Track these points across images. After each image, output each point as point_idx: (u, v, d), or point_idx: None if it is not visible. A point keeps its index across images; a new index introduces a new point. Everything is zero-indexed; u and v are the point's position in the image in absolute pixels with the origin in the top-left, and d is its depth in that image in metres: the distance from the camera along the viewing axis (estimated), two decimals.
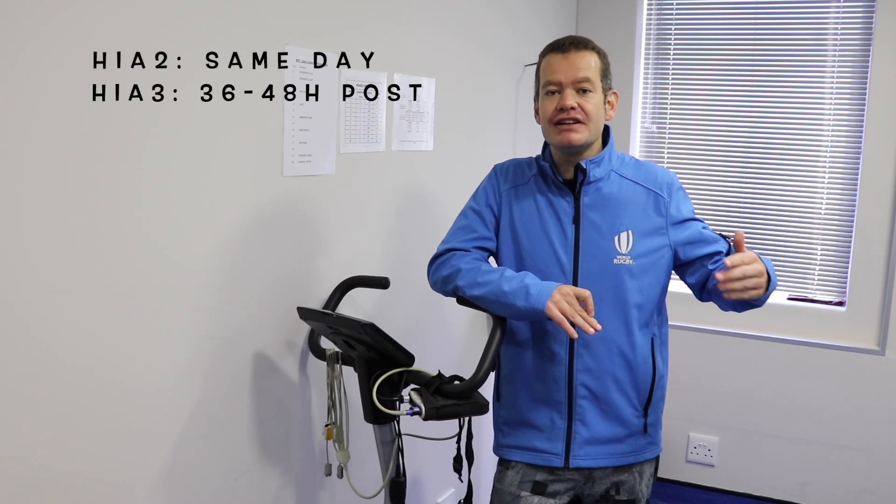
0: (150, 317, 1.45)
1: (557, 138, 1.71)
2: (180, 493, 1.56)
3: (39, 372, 1.26)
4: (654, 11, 3.34)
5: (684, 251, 1.75)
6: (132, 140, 1.38)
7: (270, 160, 1.72)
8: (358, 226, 2.06)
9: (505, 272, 1.70)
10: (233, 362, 1.68)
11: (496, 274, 1.70)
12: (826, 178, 3.12)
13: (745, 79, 3.20)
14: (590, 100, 1.69)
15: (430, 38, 2.29)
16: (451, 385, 1.61)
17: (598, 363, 1.74)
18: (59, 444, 1.31)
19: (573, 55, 1.70)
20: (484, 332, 2.72)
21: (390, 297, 2.16)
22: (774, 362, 3.20)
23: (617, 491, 1.81)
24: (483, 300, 1.71)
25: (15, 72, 1.17)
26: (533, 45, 2.95)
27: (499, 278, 1.69)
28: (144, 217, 1.42)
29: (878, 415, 3.06)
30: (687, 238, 1.74)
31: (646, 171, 1.78)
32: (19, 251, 1.21)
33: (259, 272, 1.72)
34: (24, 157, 1.20)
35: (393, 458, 1.76)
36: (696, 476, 3.38)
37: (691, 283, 1.78)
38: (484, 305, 1.72)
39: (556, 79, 1.70)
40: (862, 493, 3.12)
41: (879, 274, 3.03)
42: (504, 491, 1.84)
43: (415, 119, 2.24)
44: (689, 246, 1.74)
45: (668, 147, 3.37)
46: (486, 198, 1.85)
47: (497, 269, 1.72)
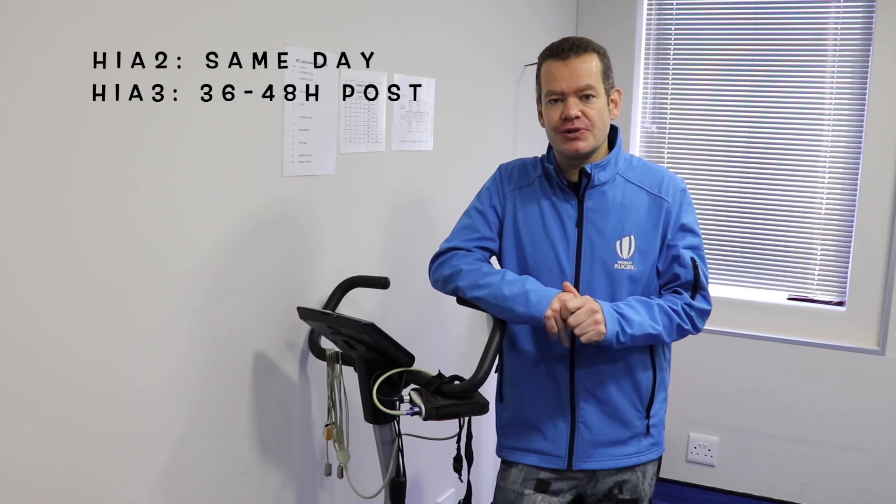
0: (150, 316, 1.45)
1: (564, 147, 1.71)
2: (180, 493, 1.56)
3: (39, 372, 1.26)
4: (654, 11, 3.34)
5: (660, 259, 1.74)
6: (132, 140, 1.38)
7: (270, 160, 1.72)
8: (358, 226, 2.06)
9: (506, 275, 1.70)
10: (233, 362, 1.68)
11: (497, 276, 1.70)
12: (826, 178, 3.12)
13: (745, 79, 3.20)
14: (593, 106, 1.68)
15: (430, 38, 2.29)
16: (451, 385, 1.61)
17: (600, 366, 1.74)
18: (59, 444, 1.30)
19: (573, 62, 1.68)
20: (484, 333, 2.72)
21: (390, 297, 2.16)
22: (774, 362, 3.20)
23: (620, 490, 1.81)
24: (483, 302, 1.71)
25: (15, 72, 1.17)
26: (533, 45, 2.95)
27: (500, 281, 1.69)
28: (144, 217, 1.42)
29: (878, 415, 3.06)
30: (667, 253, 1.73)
31: (653, 176, 1.76)
32: (19, 251, 1.21)
33: (259, 272, 1.72)
34: (24, 157, 1.20)
35: (393, 458, 1.76)
36: (696, 476, 3.38)
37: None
38: (484, 307, 1.72)
39: (557, 88, 1.69)
40: (862, 493, 3.12)
41: (879, 274, 3.03)
42: (508, 489, 1.84)
43: (415, 119, 2.24)
44: (662, 258, 1.73)
45: (668, 147, 3.37)
46: (489, 198, 1.84)
47: (498, 272, 1.72)
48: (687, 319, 1.70)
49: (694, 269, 1.71)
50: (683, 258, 1.72)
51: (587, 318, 1.60)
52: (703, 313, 1.73)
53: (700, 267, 1.72)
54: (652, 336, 1.66)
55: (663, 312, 1.68)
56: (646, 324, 1.65)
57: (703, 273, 1.72)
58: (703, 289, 1.72)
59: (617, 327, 1.61)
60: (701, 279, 1.71)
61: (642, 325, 1.64)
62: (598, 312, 1.61)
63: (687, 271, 1.71)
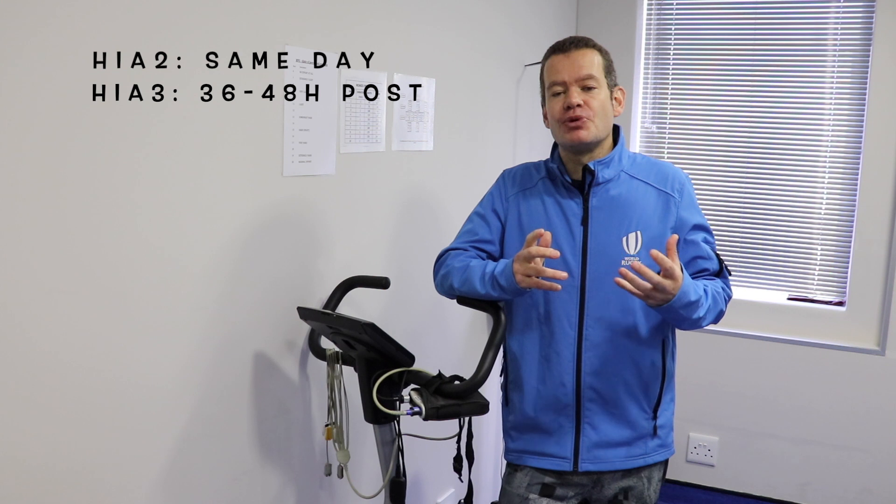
0: (150, 317, 1.45)
1: (567, 137, 1.71)
2: (180, 492, 1.56)
3: (39, 372, 1.26)
4: (654, 11, 3.34)
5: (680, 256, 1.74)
6: (132, 140, 1.38)
7: (270, 160, 1.72)
8: (358, 226, 2.06)
9: (470, 264, 1.74)
10: (233, 362, 1.68)
11: (475, 270, 1.73)
12: (826, 178, 3.12)
13: (745, 79, 3.20)
14: (595, 96, 1.70)
15: (430, 38, 2.29)
16: (452, 385, 1.61)
17: (606, 365, 1.73)
18: (59, 444, 1.31)
19: (575, 54, 1.70)
20: (484, 333, 2.72)
21: (390, 297, 2.16)
22: (774, 362, 3.20)
23: (625, 496, 1.80)
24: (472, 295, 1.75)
25: (15, 72, 1.17)
26: (533, 45, 2.95)
27: (474, 276, 1.72)
28: (144, 217, 1.42)
29: (878, 415, 3.06)
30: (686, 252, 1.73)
31: (657, 171, 1.77)
32: (19, 251, 1.21)
33: (259, 272, 1.72)
34: (24, 157, 1.20)
35: (393, 458, 1.76)
36: (696, 476, 3.38)
37: None
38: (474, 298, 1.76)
39: (560, 78, 1.70)
40: (862, 493, 3.12)
41: (879, 274, 3.03)
42: (513, 493, 1.83)
43: (415, 119, 2.24)
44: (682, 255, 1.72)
45: (668, 147, 3.37)
46: (492, 203, 1.85)
47: (476, 265, 1.74)
48: (724, 302, 1.74)
49: (718, 259, 1.76)
50: (705, 250, 1.75)
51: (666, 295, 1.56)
52: (730, 298, 1.77)
53: (720, 256, 1.77)
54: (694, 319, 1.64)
55: (709, 296, 1.68)
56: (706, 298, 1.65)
57: (723, 261, 1.77)
58: (728, 276, 1.77)
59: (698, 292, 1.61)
60: (725, 268, 1.76)
61: (707, 293, 1.66)
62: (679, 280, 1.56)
63: (712, 262, 1.75)
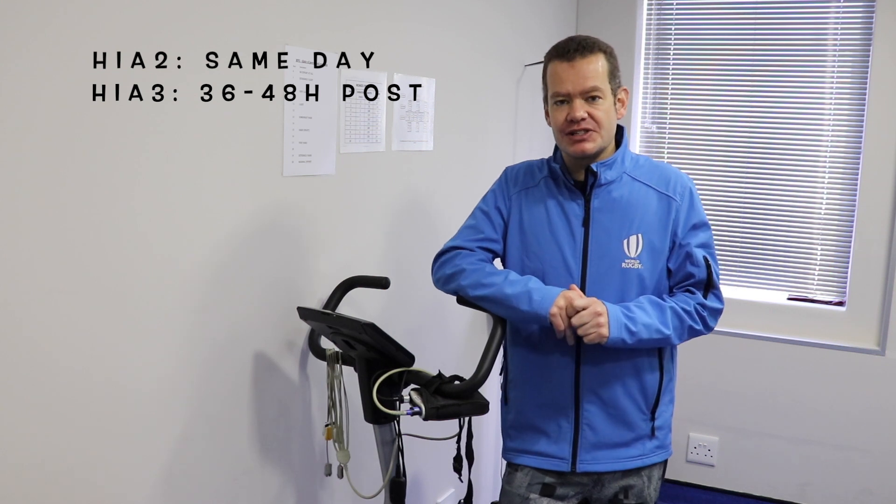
0: (150, 316, 1.45)
1: (571, 149, 1.70)
2: (180, 493, 1.56)
3: (38, 372, 1.26)
4: (654, 11, 3.34)
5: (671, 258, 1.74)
6: (132, 140, 1.37)
7: (270, 160, 1.72)
8: (358, 226, 2.06)
9: (509, 275, 1.70)
10: (233, 362, 1.68)
11: (500, 276, 1.70)
12: (826, 178, 3.12)
13: (745, 79, 3.20)
14: (600, 107, 1.68)
15: (430, 38, 2.29)
16: (452, 385, 1.61)
17: (606, 367, 1.73)
18: (59, 444, 1.30)
19: (579, 63, 1.66)
20: (484, 332, 2.72)
21: (390, 297, 2.16)
22: (774, 362, 3.20)
23: (626, 495, 1.80)
24: (486, 301, 1.71)
25: (15, 72, 1.17)
26: (533, 45, 2.95)
27: (503, 281, 1.69)
28: (144, 217, 1.42)
29: (878, 415, 3.06)
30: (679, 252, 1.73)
31: (660, 174, 1.76)
32: (18, 251, 1.21)
33: (259, 272, 1.72)
34: (23, 157, 1.20)
35: (393, 458, 1.76)
36: (696, 476, 3.38)
37: None
38: (486, 306, 1.72)
39: (563, 90, 1.68)
40: (862, 493, 3.12)
41: (879, 274, 3.03)
42: (513, 493, 1.83)
43: (415, 119, 2.24)
44: (673, 257, 1.73)
45: (668, 147, 3.37)
46: (494, 200, 1.84)
47: (501, 272, 1.72)
48: (699, 320, 1.70)
49: (707, 268, 1.71)
50: (696, 257, 1.71)
51: (590, 320, 1.60)
52: (716, 312, 1.73)
53: (712, 266, 1.72)
54: (661, 339, 1.66)
55: (675, 314, 1.68)
56: (654, 327, 1.65)
57: (715, 272, 1.72)
58: (715, 287, 1.72)
59: (622, 332, 1.61)
60: (714, 278, 1.71)
61: (650, 327, 1.64)
62: (603, 315, 1.61)
63: (700, 270, 1.71)
